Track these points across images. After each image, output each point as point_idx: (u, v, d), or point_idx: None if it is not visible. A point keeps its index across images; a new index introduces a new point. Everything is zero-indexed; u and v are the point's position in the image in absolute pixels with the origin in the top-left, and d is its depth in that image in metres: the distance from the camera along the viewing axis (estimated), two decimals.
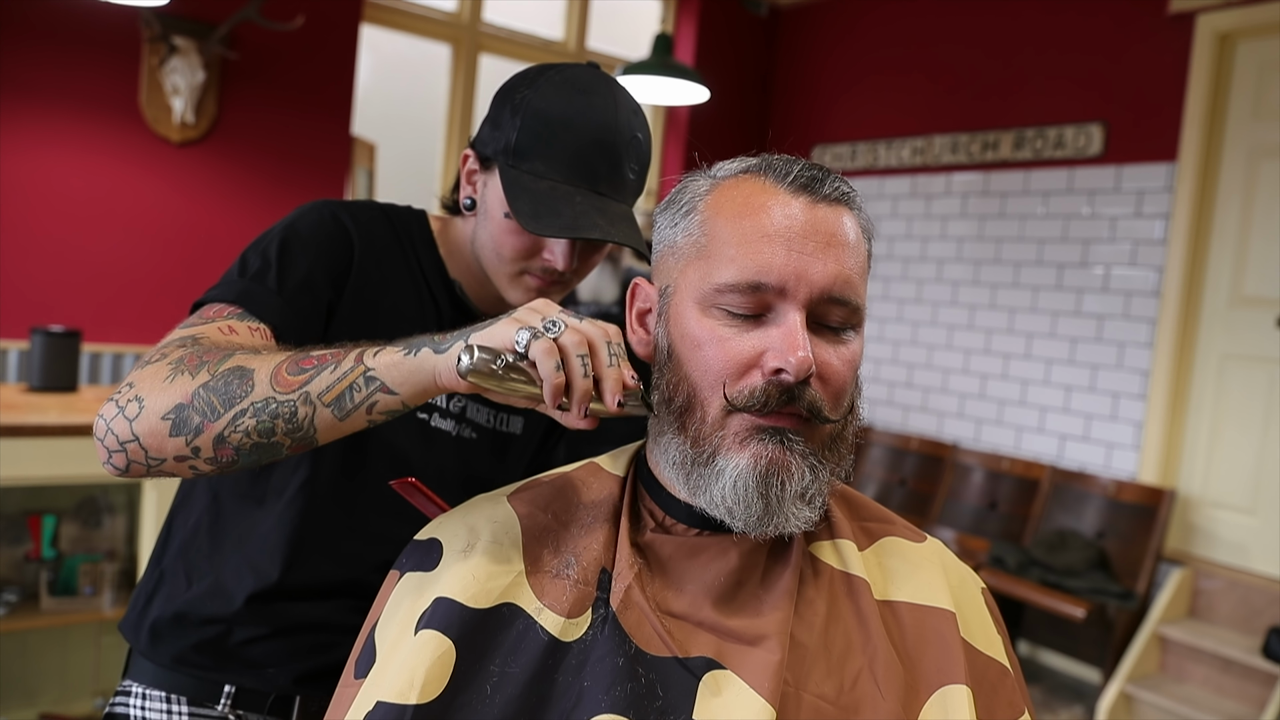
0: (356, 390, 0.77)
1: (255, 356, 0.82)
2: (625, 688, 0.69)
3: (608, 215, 1.01)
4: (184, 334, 0.91)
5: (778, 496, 0.72)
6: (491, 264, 1.07)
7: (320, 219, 1.06)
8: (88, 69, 3.32)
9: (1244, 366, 3.54)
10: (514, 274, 1.06)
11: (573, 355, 0.70)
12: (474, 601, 0.75)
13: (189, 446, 0.80)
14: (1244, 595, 3.44)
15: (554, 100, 1.02)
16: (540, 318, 0.72)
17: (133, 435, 0.81)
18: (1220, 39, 3.55)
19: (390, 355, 0.77)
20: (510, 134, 1.02)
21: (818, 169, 0.76)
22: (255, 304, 0.97)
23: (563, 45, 4.81)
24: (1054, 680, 3.80)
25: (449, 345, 0.74)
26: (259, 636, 1.06)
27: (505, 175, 1.02)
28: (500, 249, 1.04)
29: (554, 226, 0.97)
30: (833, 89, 4.92)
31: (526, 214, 0.97)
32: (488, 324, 0.74)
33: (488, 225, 1.06)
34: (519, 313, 0.74)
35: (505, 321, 0.73)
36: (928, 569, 0.80)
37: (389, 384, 0.77)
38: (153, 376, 0.83)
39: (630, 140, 1.04)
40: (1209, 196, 3.61)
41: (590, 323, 0.72)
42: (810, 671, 0.71)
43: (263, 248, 1.02)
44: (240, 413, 0.79)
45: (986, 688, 0.75)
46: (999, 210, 4.18)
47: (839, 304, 0.73)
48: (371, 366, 0.77)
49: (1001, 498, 4.00)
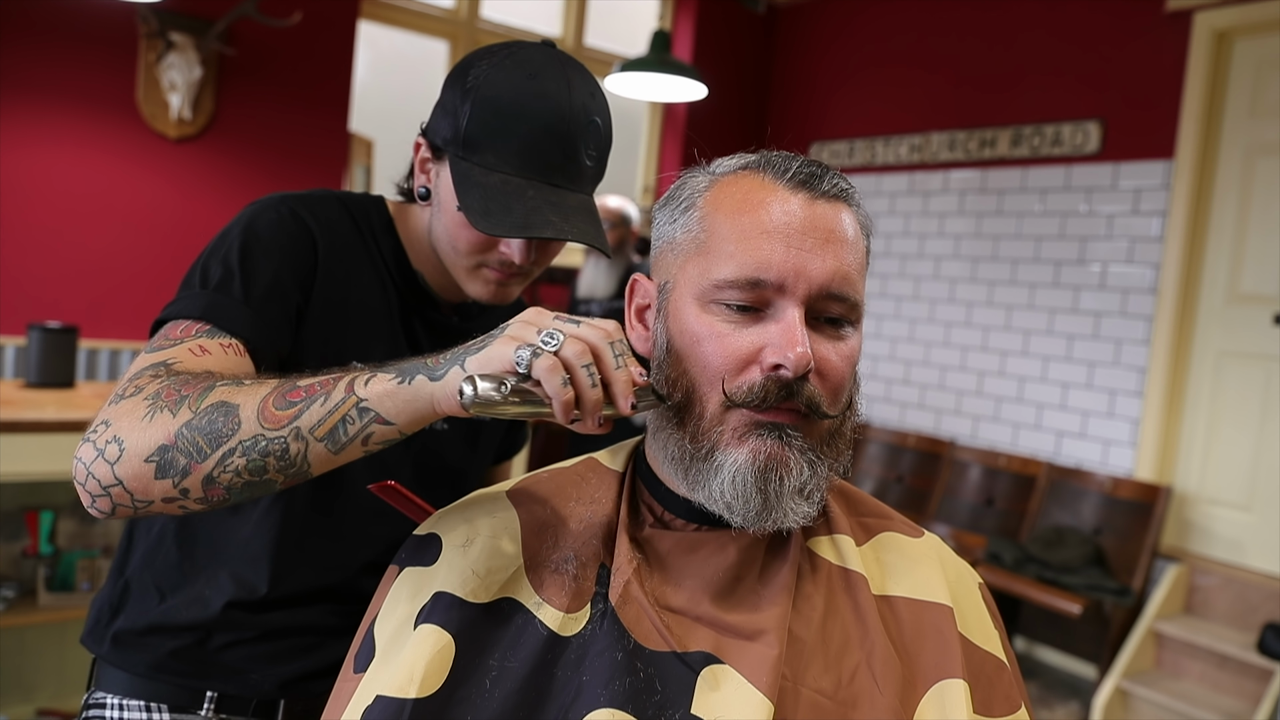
0: (350, 422, 0.73)
1: (238, 389, 0.77)
2: (624, 682, 0.70)
3: (562, 209, 0.96)
4: (154, 360, 0.86)
5: (776, 492, 0.72)
6: (448, 256, 1.04)
7: (279, 218, 1.01)
8: (85, 65, 3.32)
9: (1241, 364, 3.55)
10: (471, 267, 1.02)
11: (578, 367, 0.67)
12: (473, 596, 0.76)
13: (177, 488, 0.76)
14: (1240, 591, 3.45)
15: (503, 86, 0.96)
16: (536, 331, 0.68)
17: (115, 479, 0.76)
18: (1217, 37, 3.56)
19: (383, 384, 0.73)
20: (460, 123, 0.98)
21: (816, 165, 0.76)
22: (223, 318, 0.92)
23: (560, 41, 4.80)
24: (1050, 676, 3.81)
25: (444, 370, 0.70)
26: (239, 641, 1.04)
27: (455, 168, 0.98)
28: (455, 242, 1.01)
29: (504, 225, 0.93)
30: (830, 86, 4.92)
31: (476, 211, 0.94)
32: (482, 343, 0.70)
33: (442, 217, 1.02)
34: (513, 328, 0.70)
35: (500, 340, 0.69)
36: (925, 564, 0.80)
37: (384, 414, 0.73)
38: (129, 414, 0.78)
39: (587, 125, 0.99)
40: (1206, 194, 3.62)
41: (588, 325, 0.69)
42: (808, 666, 0.72)
43: (223, 254, 0.97)
44: (228, 452, 0.75)
45: (984, 682, 0.75)
46: (996, 207, 4.18)
47: (837, 300, 0.74)
48: (364, 397, 0.73)
49: (998, 494, 4.01)
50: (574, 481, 0.84)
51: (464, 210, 0.94)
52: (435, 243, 1.05)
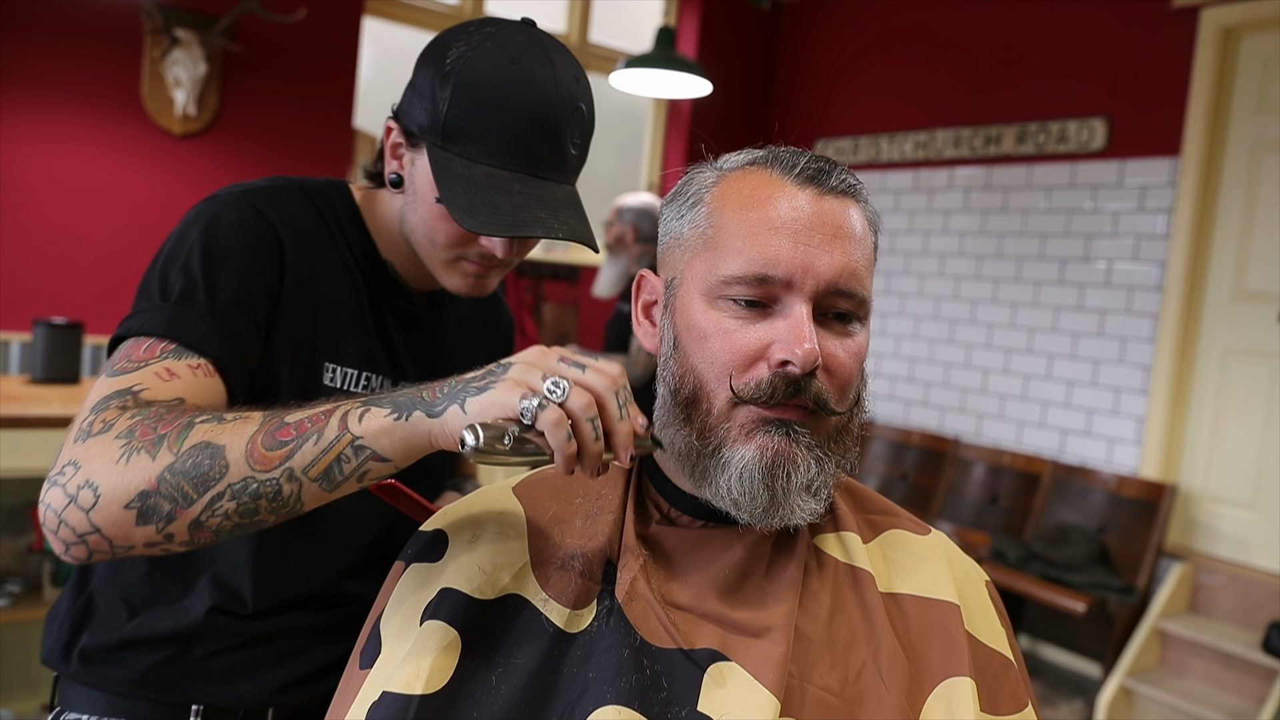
0: (345, 461, 0.70)
1: (220, 426, 0.73)
2: (630, 679, 0.69)
3: (550, 204, 0.92)
4: (118, 386, 0.80)
5: (783, 488, 0.72)
6: (424, 249, 0.99)
7: (241, 219, 0.93)
8: (89, 61, 3.32)
9: (1246, 361, 3.54)
10: (449, 260, 0.98)
11: (583, 420, 0.65)
12: (479, 593, 0.76)
13: (161, 534, 0.71)
14: (1244, 590, 3.44)
15: (485, 72, 0.91)
16: (541, 376, 0.66)
17: (92, 527, 0.71)
18: (1224, 33, 3.54)
19: (379, 420, 0.70)
20: (439, 110, 0.92)
21: (824, 161, 0.76)
22: (189, 335, 0.86)
23: (565, 38, 4.80)
24: (1054, 674, 3.80)
25: (443, 407, 0.68)
26: (224, 649, 0.99)
27: (435, 159, 0.92)
28: (433, 235, 0.96)
29: (491, 223, 0.88)
30: (835, 82, 4.91)
31: (460, 207, 0.89)
32: (484, 382, 0.68)
33: (418, 208, 0.97)
34: (517, 370, 0.67)
35: (504, 385, 0.66)
36: (932, 561, 0.80)
37: (380, 451, 0.70)
38: (102, 456, 0.72)
39: (573, 113, 0.95)
40: (1212, 191, 3.60)
41: (594, 371, 0.68)
42: (815, 663, 0.71)
43: (183, 261, 0.90)
44: (217, 496, 0.71)
45: (990, 680, 0.75)
46: (1001, 205, 4.17)
47: (845, 296, 0.73)
48: (359, 434, 0.70)
49: (1003, 492, 4.00)
50: (580, 478, 0.84)
51: (447, 206, 0.89)
52: (409, 233, 1.00)
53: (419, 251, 1.00)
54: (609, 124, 5.10)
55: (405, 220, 1.00)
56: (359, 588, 1.06)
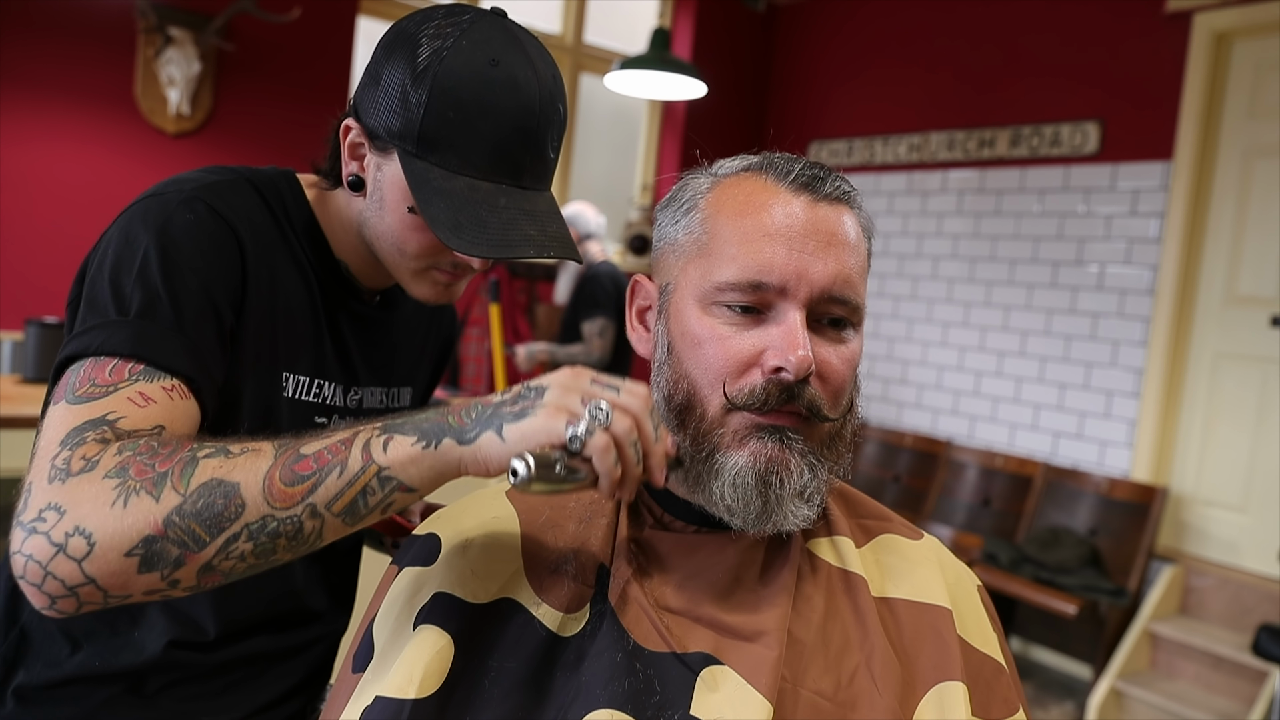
0: (371, 493, 0.67)
1: (229, 461, 0.67)
2: (623, 683, 0.70)
3: (536, 218, 0.87)
4: (90, 415, 0.72)
5: (776, 494, 0.72)
6: (391, 258, 0.92)
7: (197, 220, 0.85)
8: (83, 60, 3.31)
9: (1238, 365, 3.56)
10: (419, 270, 0.92)
11: (627, 445, 0.65)
12: (473, 597, 0.76)
13: (166, 580, 0.66)
14: (1235, 593, 3.46)
15: (465, 76, 0.84)
16: (580, 399, 0.65)
17: (86, 578, 0.64)
18: (1217, 38, 3.56)
19: (405, 448, 0.66)
20: (413, 116, 0.84)
21: (819, 168, 0.76)
22: (159, 353, 0.78)
23: (560, 39, 4.80)
24: (1045, 676, 3.82)
25: (475, 434, 0.65)
26: (181, 679, 0.93)
27: (410, 169, 0.85)
28: (403, 246, 0.90)
29: (480, 243, 0.83)
30: (829, 84, 4.92)
31: (445, 225, 0.82)
32: (519, 408, 0.66)
33: (385, 216, 0.90)
34: (554, 395, 0.65)
35: (546, 411, 0.64)
36: (925, 566, 0.80)
37: (407, 482, 0.67)
38: (93, 499, 0.65)
39: (553, 116, 0.88)
40: (1204, 195, 3.62)
41: (628, 393, 0.67)
42: (808, 668, 0.72)
43: (138, 270, 0.81)
44: (232, 537, 0.66)
45: (982, 685, 0.75)
46: (995, 208, 4.19)
47: (839, 303, 0.74)
48: (386, 465, 0.66)
49: (995, 494, 4.01)
50: None
51: (429, 223, 0.83)
52: (373, 240, 0.93)
53: (384, 259, 0.94)
54: (603, 125, 5.11)
55: (368, 226, 0.93)
56: (322, 603, 1.04)
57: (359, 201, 0.94)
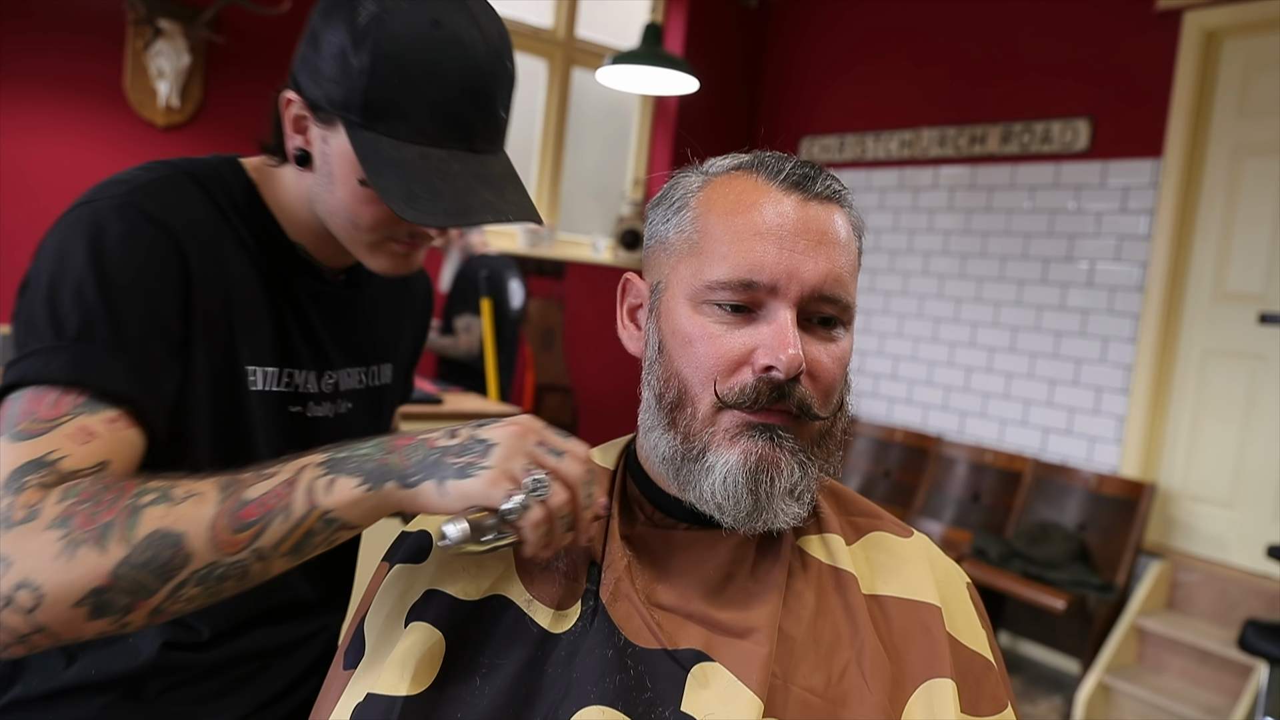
0: (315, 534, 0.69)
1: (172, 510, 0.67)
2: (614, 679, 0.70)
3: (491, 182, 0.84)
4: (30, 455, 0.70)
5: (767, 493, 0.72)
6: (345, 232, 0.89)
7: (131, 230, 0.80)
8: (72, 52, 3.29)
9: (1226, 362, 3.58)
10: (375, 243, 0.89)
11: (558, 518, 0.68)
12: (464, 594, 0.76)
13: (116, 624, 0.67)
14: (1222, 588, 3.48)
15: (408, 39, 0.80)
16: (524, 463, 0.67)
17: (35, 628, 0.65)
18: (1207, 36, 3.57)
19: (348, 490, 0.68)
20: (356, 85, 0.81)
21: (810, 166, 0.77)
22: (99, 379, 0.75)
23: (552, 33, 4.79)
24: (1034, 671, 3.84)
25: (418, 479, 0.67)
26: (177, 683, 0.92)
27: (358, 140, 0.82)
28: (357, 219, 0.87)
29: (436, 212, 0.80)
30: (821, 80, 4.92)
31: (398, 196, 0.80)
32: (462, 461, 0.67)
33: (336, 190, 0.86)
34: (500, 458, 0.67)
35: (488, 477, 0.66)
36: (914, 564, 0.81)
37: (350, 521, 0.69)
38: (38, 552, 0.65)
39: (501, 74, 0.85)
40: (1193, 193, 3.64)
41: (571, 458, 0.69)
42: (798, 664, 0.72)
43: (73, 287, 0.77)
44: (181, 584, 0.67)
45: (971, 681, 0.76)
46: (986, 204, 4.20)
47: (829, 302, 0.74)
48: (329, 508, 0.68)
49: (984, 490, 4.03)
50: None
51: (382, 195, 0.80)
52: (325, 216, 0.90)
53: (338, 235, 0.90)
54: (595, 119, 5.10)
55: (319, 201, 0.89)
56: (317, 595, 1.02)
57: (308, 177, 0.90)
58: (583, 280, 4.82)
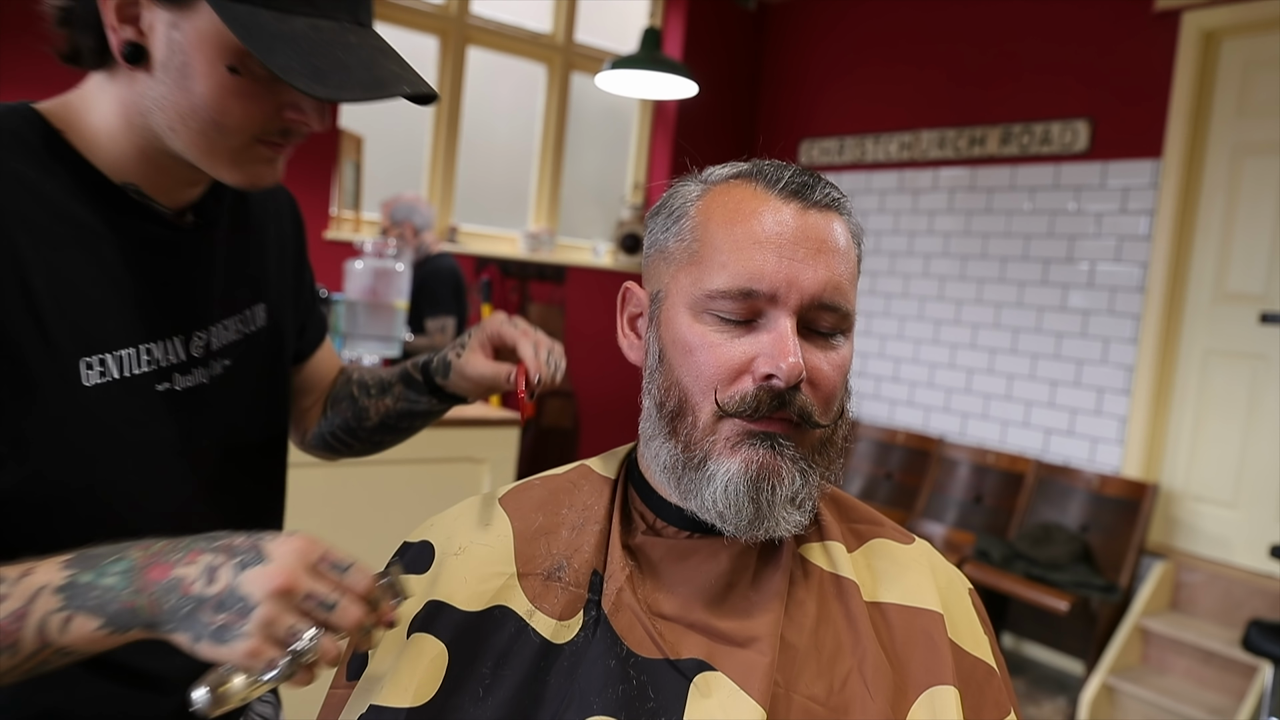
0: (47, 664, 0.64)
1: None
2: (617, 690, 0.70)
3: (390, 55, 0.75)
4: None
5: (768, 501, 0.72)
6: (202, 140, 0.75)
7: None
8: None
9: (1227, 362, 3.57)
10: (242, 146, 0.76)
11: (320, 667, 0.63)
12: (466, 604, 0.76)
13: None
14: (1225, 588, 3.48)
15: None
16: (291, 622, 0.61)
17: None
18: (1205, 36, 3.58)
19: (86, 631, 0.62)
20: None
21: (808, 175, 0.77)
22: None
23: (550, 38, 4.80)
24: (1037, 672, 3.83)
25: (170, 628, 0.61)
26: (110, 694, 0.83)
27: (231, 16, 0.69)
28: (223, 118, 0.73)
29: (352, 86, 0.71)
30: (820, 83, 4.93)
31: (303, 74, 0.69)
32: (219, 619, 0.61)
33: (194, 86, 0.72)
34: (259, 623, 0.60)
35: (245, 646, 0.60)
36: (916, 571, 0.81)
37: (90, 653, 0.64)
38: None
39: None
40: (1193, 193, 3.64)
41: (346, 604, 0.63)
42: (800, 672, 0.72)
43: None
44: None
45: (974, 688, 0.76)
46: (986, 205, 4.20)
47: (829, 310, 0.74)
48: (64, 646, 0.62)
49: (987, 491, 4.03)
50: (566, 489, 0.84)
51: (281, 74, 0.68)
52: (173, 125, 0.75)
53: (189, 148, 0.76)
54: (594, 124, 5.11)
55: (162, 109, 0.74)
56: None
57: (140, 82, 0.74)
58: (583, 285, 4.82)
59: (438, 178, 4.53)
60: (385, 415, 1.07)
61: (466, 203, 4.66)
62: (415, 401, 1.06)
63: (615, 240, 5.05)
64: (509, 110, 4.86)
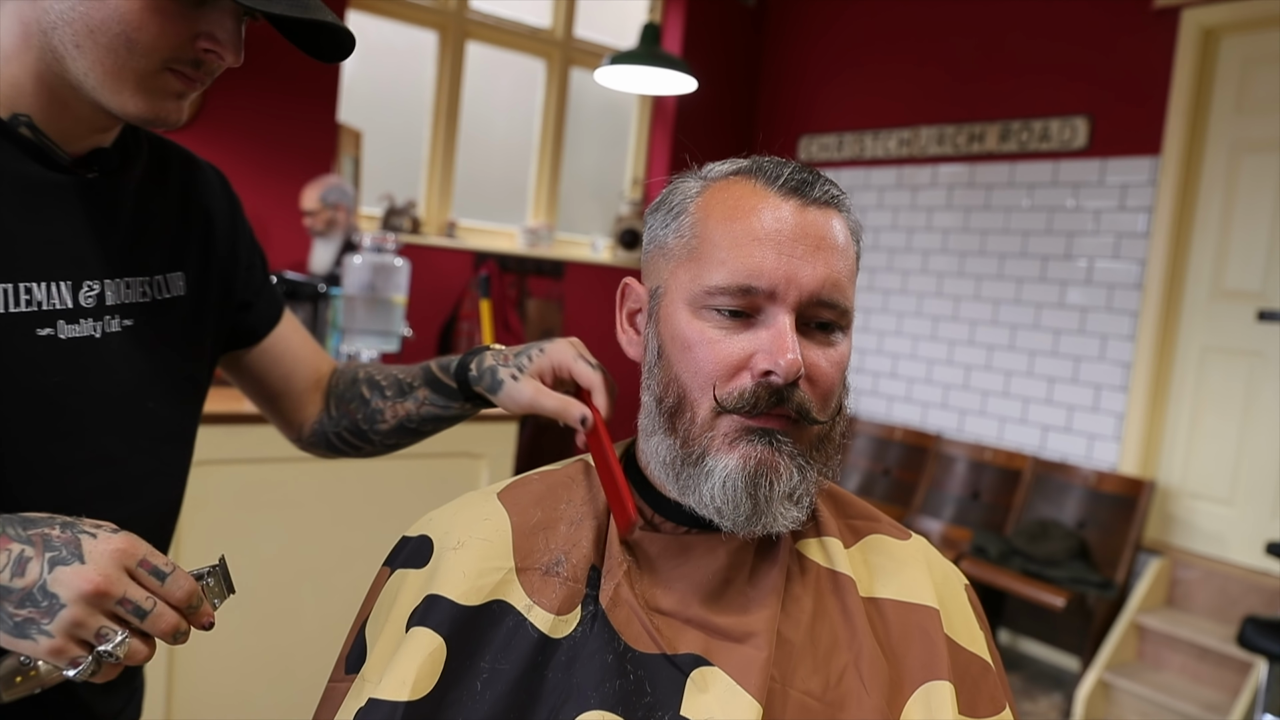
0: None
1: None
2: (614, 684, 0.70)
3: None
4: None
5: (766, 497, 0.72)
6: (113, 63, 0.71)
7: None
8: None
9: (1224, 359, 3.58)
10: (152, 71, 0.72)
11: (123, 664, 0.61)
12: (465, 599, 0.76)
13: None
14: (1221, 585, 3.49)
15: None
16: (99, 630, 0.59)
17: None
18: (1204, 34, 3.58)
19: None
20: None
21: (808, 172, 0.77)
22: None
23: (550, 33, 4.79)
24: (1034, 668, 3.84)
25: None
26: None
27: None
28: (135, 35, 0.70)
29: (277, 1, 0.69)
30: (819, 79, 4.93)
31: None
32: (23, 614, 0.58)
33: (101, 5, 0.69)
34: (65, 623, 0.58)
35: (48, 645, 0.58)
36: (912, 566, 0.81)
37: None
38: None
39: None
40: (1192, 190, 3.64)
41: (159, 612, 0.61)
42: (797, 668, 0.72)
43: None
44: None
45: (969, 684, 0.76)
46: (984, 202, 4.20)
47: (828, 306, 0.74)
48: None
49: (984, 488, 4.03)
50: (565, 484, 0.84)
51: None
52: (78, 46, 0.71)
53: (93, 66, 0.71)
54: (593, 119, 5.10)
55: (69, 23, 0.70)
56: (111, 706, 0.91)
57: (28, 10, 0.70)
58: (582, 280, 4.82)
59: (436, 172, 4.52)
60: (405, 419, 1.02)
61: (465, 198, 4.66)
62: (446, 407, 1.00)
63: (614, 236, 5.05)
64: (508, 105, 4.86)
